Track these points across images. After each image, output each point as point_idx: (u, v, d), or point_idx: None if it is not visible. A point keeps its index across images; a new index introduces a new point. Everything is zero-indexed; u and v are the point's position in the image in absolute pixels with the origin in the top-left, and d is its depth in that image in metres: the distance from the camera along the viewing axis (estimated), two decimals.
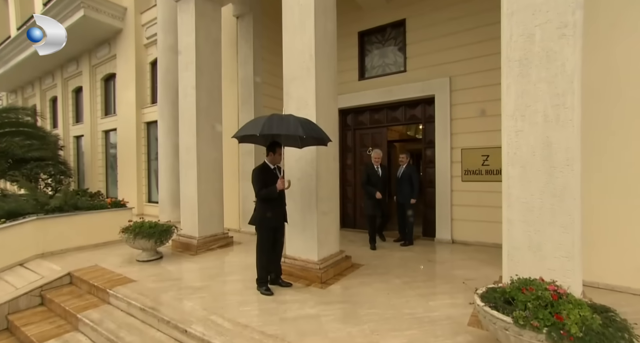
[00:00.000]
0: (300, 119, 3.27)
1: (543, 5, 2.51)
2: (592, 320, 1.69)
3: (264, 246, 3.50)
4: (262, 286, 3.48)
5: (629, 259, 3.27)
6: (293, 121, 3.14)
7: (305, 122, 3.25)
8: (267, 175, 3.48)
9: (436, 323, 2.71)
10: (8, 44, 11.97)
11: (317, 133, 3.32)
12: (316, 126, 3.43)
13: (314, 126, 3.39)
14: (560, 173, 2.43)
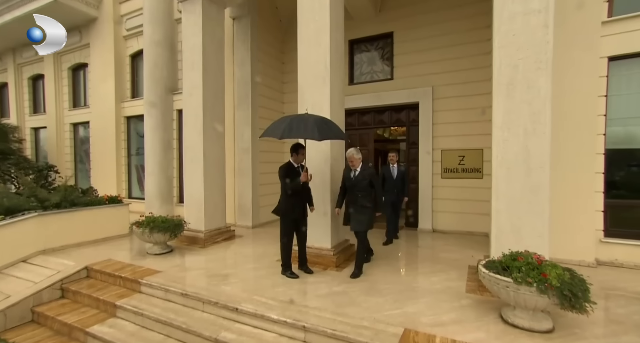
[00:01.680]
0: (318, 120, 3.68)
1: (524, 44, 3.27)
2: (564, 275, 2.44)
3: (285, 235, 3.95)
4: (287, 271, 3.94)
5: (580, 240, 4.23)
6: (311, 124, 3.55)
7: (322, 124, 3.67)
8: (291, 172, 3.92)
9: (441, 293, 3.40)
10: None
11: (333, 133, 3.79)
12: (333, 125, 3.90)
13: (331, 125, 3.85)
14: (536, 173, 3.22)
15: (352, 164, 4.07)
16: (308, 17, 4.46)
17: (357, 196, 3.98)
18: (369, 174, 3.98)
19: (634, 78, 4.20)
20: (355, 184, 4.01)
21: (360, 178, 3.98)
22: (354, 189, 4.02)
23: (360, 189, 3.98)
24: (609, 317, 2.95)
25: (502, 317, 2.80)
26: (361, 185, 3.98)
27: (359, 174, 4.00)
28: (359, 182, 3.99)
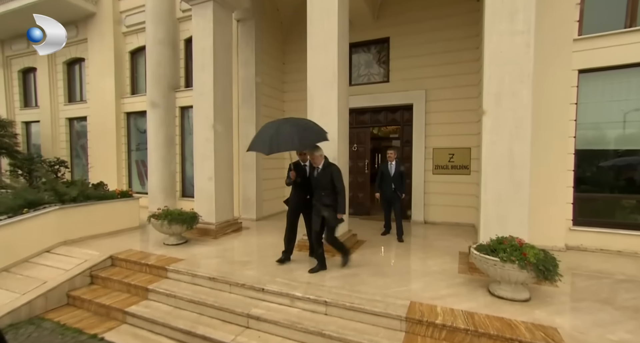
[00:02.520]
0: (295, 127, 3.81)
1: (510, 60, 3.81)
2: (539, 254, 3.01)
3: (286, 223, 4.39)
4: (282, 256, 4.38)
5: (552, 228, 4.88)
6: (289, 135, 3.69)
7: (301, 130, 3.81)
8: (296, 169, 4.27)
9: (438, 274, 3.96)
10: None
11: (315, 135, 3.93)
12: (312, 127, 4.05)
13: (309, 131, 3.94)
14: (518, 171, 3.78)
15: (313, 162, 4.07)
16: (317, 28, 4.88)
17: (320, 195, 4.00)
18: (332, 172, 3.95)
19: (599, 89, 4.84)
20: (318, 182, 4.01)
21: (321, 177, 3.97)
22: (317, 188, 4.02)
23: (323, 187, 3.96)
24: (573, 289, 3.58)
25: (490, 290, 3.38)
26: (324, 183, 3.96)
27: (320, 172, 4.01)
28: (321, 180, 3.97)
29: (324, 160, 4.05)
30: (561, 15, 4.82)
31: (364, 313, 3.07)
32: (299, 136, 3.75)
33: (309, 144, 3.91)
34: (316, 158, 4.02)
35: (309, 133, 3.93)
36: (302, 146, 3.87)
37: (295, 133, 3.74)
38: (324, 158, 4.06)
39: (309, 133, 3.92)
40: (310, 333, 3.00)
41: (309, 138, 3.89)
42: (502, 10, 3.81)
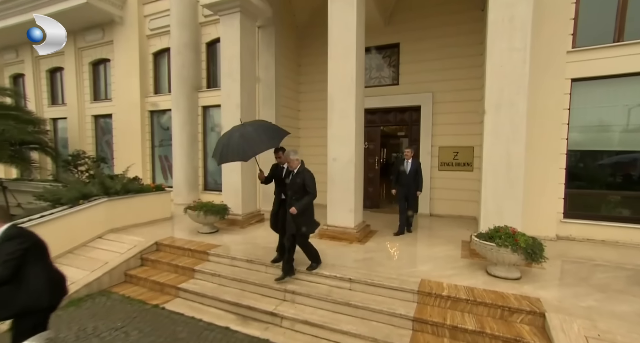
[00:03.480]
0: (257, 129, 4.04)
1: (509, 73, 4.37)
2: (529, 240, 3.64)
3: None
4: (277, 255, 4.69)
5: (545, 220, 5.49)
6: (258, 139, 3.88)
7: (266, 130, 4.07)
8: (275, 170, 4.60)
9: (443, 259, 4.60)
10: None
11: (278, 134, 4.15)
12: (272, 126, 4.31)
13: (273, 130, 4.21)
14: (514, 170, 4.39)
15: (290, 166, 4.13)
16: (337, 39, 5.44)
17: (291, 199, 4.03)
18: (304, 177, 3.99)
19: (589, 96, 5.39)
20: (291, 186, 4.07)
21: (295, 181, 4.02)
22: (290, 192, 4.07)
23: (295, 191, 4.00)
24: (558, 270, 4.19)
25: (487, 271, 4.01)
26: (296, 187, 4.00)
27: (294, 176, 4.06)
28: (294, 184, 4.02)
29: (299, 165, 4.12)
30: (556, 28, 5.36)
31: (383, 287, 3.73)
32: (267, 135, 3.99)
33: (277, 142, 4.11)
34: (292, 162, 4.08)
35: (274, 132, 4.16)
36: (272, 144, 4.06)
37: (263, 134, 3.98)
38: (300, 163, 4.12)
39: (274, 132, 4.15)
40: (338, 303, 3.67)
41: (277, 135, 4.11)
42: (502, 30, 4.38)
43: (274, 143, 4.13)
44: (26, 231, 2.37)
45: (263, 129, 4.15)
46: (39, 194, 5.84)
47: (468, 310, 3.35)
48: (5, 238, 2.21)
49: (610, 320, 2.89)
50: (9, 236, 2.22)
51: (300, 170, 4.06)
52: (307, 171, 4.08)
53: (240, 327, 3.68)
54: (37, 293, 2.25)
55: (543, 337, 2.88)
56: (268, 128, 4.24)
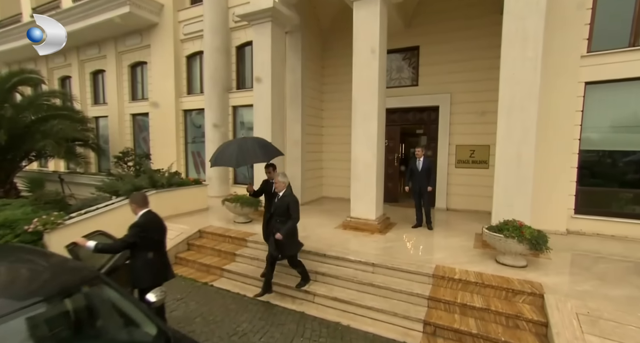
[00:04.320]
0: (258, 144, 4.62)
1: (521, 80, 4.75)
2: (534, 232, 4.08)
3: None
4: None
5: (557, 216, 5.85)
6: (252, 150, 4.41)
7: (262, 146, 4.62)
8: (265, 185, 4.95)
9: (458, 248, 5.09)
10: (23, 25, 12.24)
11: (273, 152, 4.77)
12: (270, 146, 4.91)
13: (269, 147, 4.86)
14: (524, 169, 4.79)
15: (276, 187, 4.23)
16: (362, 46, 5.92)
17: (276, 221, 4.12)
18: (288, 201, 4.05)
19: (603, 98, 5.66)
20: (275, 209, 4.15)
21: (280, 204, 4.10)
22: (275, 214, 4.17)
23: (279, 214, 4.09)
24: (562, 261, 4.58)
25: (496, 260, 4.48)
26: (280, 210, 4.09)
27: (280, 199, 4.14)
28: (278, 207, 4.10)
29: (285, 188, 4.20)
30: (571, 34, 5.63)
31: (402, 271, 4.28)
32: (262, 151, 4.51)
33: (268, 158, 4.65)
34: (279, 183, 4.18)
35: (269, 149, 4.75)
36: (265, 159, 4.58)
37: (259, 149, 4.50)
38: (286, 186, 4.21)
39: (269, 149, 4.75)
40: (363, 284, 4.26)
41: (271, 153, 4.70)
42: (515, 40, 4.75)
43: (266, 159, 4.63)
44: (152, 222, 3.16)
45: (260, 145, 4.69)
46: (99, 186, 6.69)
47: (477, 291, 3.85)
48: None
49: (601, 301, 3.34)
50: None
51: (285, 194, 4.16)
52: (292, 196, 4.17)
53: (279, 302, 4.34)
54: (139, 274, 2.97)
55: (541, 314, 3.36)
56: (264, 145, 4.81)
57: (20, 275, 2.26)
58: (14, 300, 1.86)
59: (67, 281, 2.14)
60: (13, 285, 2.13)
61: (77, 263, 2.69)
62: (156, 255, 3.19)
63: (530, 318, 3.34)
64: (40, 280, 2.18)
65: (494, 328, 3.40)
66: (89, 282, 2.21)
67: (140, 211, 3.20)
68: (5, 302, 1.83)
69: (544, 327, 3.24)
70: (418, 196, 6.33)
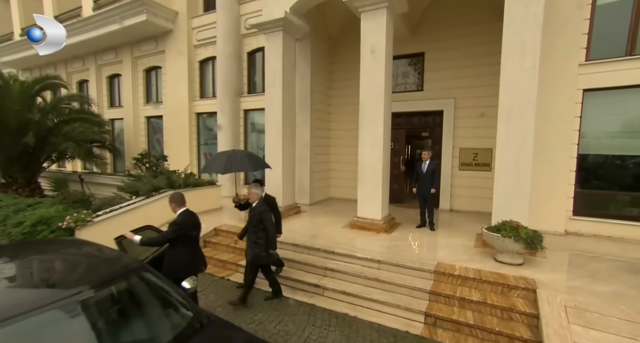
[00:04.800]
0: (247, 155, 5.57)
1: (519, 88, 5.04)
2: (529, 232, 4.37)
3: None
4: None
5: (556, 217, 6.11)
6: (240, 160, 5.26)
7: (250, 157, 5.56)
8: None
9: (459, 247, 5.39)
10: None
11: (261, 163, 5.76)
12: (258, 158, 5.85)
13: (256, 158, 5.79)
14: (522, 172, 5.08)
15: (250, 198, 4.35)
16: (368, 56, 6.25)
17: (249, 232, 4.25)
18: (260, 212, 4.14)
19: (601, 105, 5.90)
20: (249, 219, 4.25)
21: (252, 214, 4.21)
22: (249, 225, 4.27)
23: (252, 225, 4.18)
24: (558, 260, 4.85)
25: (495, 258, 4.77)
26: (253, 221, 4.18)
27: (252, 210, 4.27)
28: (251, 218, 4.19)
29: (259, 200, 4.29)
30: (569, 42, 5.89)
31: (405, 268, 4.60)
32: (249, 161, 5.33)
33: (254, 169, 5.49)
34: (251, 194, 4.26)
35: (257, 161, 5.55)
36: (251, 168, 5.42)
37: (247, 159, 5.29)
38: (259, 198, 4.31)
39: (256, 161, 5.55)
40: (369, 279, 4.59)
41: (257, 164, 5.52)
42: (514, 51, 5.04)
43: (253, 168, 5.47)
44: (189, 219, 3.50)
45: (248, 157, 5.53)
46: (120, 186, 7.13)
47: (475, 286, 4.16)
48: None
49: (588, 295, 3.63)
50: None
51: (258, 204, 4.25)
52: (264, 208, 4.25)
53: (291, 295, 4.69)
54: (175, 266, 3.36)
55: (533, 307, 3.66)
56: (253, 157, 5.71)
57: (80, 263, 2.64)
58: (78, 285, 2.23)
59: (117, 270, 2.51)
60: (75, 271, 2.51)
61: (124, 254, 3.07)
62: (191, 249, 3.57)
63: (523, 311, 3.64)
64: (96, 268, 2.56)
65: (490, 319, 3.71)
66: (135, 270, 2.58)
67: (179, 209, 3.57)
68: (72, 285, 2.21)
69: (535, 319, 3.54)
70: (422, 198, 6.61)
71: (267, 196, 4.82)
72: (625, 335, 3.01)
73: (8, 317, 1.78)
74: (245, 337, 2.50)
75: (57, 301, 2.00)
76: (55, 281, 2.40)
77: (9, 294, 2.16)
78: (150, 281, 2.59)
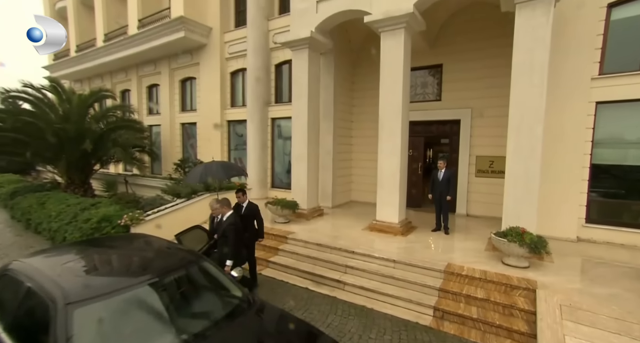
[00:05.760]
0: (221, 165, 6.00)
1: (528, 104, 5.39)
2: (534, 238, 4.76)
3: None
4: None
5: (569, 224, 6.39)
6: (215, 168, 5.78)
7: (225, 167, 6.04)
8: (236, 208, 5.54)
9: (470, 250, 5.82)
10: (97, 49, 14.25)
11: (236, 171, 6.45)
12: (234, 166, 6.64)
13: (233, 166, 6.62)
14: (530, 182, 5.43)
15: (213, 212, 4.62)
16: (387, 73, 6.78)
17: (220, 243, 4.47)
18: (227, 224, 4.36)
19: (613, 117, 6.13)
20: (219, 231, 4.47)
21: (218, 228, 4.47)
22: (219, 236, 4.49)
23: (220, 236, 4.43)
24: (564, 264, 5.18)
25: (502, 261, 5.18)
26: (220, 233, 4.42)
27: (218, 223, 4.59)
28: (217, 231, 4.46)
29: (227, 213, 4.51)
30: (582, 57, 6.18)
31: (418, 267, 5.12)
32: (223, 170, 5.91)
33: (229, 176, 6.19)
34: (214, 210, 4.51)
35: (230, 169, 6.15)
36: (226, 176, 6.04)
37: (221, 169, 5.86)
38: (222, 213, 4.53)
39: (229, 169, 6.15)
40: (385, 276, 5.14)
41: (230, 172, 6.12)
42: (523, 69, 5.42)
43: (225, 176, 6.14)
44: (238, 220, 4.28)
45: (223, 166, 6.04)
46: (164, 189, 8.06)
47: (480, 285, 4.62)
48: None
49: (584, 296, 4.01)
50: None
51: (227, 218, 4.47)
52: (231, 223, 4.38)
53: (315, 288, 5.33)
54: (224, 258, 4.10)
55: (532, 305, 4.09)
56: (228, 166, 6.29)
57: (152, 254, 3.40)
58: (154, 271, 2.96)
59: (182, 259, 3.24)
60: (150, 261, 3.26)
61: (184, 247, 3.82)
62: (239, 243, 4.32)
63: (522, 308, 4.08)
64: (166, 258, 3.30)
65: (492, 315, 4.18)
66: (196, 260, 3.30)
67: (228, 212, 4.29)
68: (149, 272, 2.93)
69: (533, 315, 3.97)
70: (438, 203, 7.05)
71: (250, 204, 5.43)
72: (611, 331, 3.41)
73: (107, 292, 2.49)
74: (282, 314, 3.16)
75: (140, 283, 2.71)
76: (138, 269, 3.14)
77: (105, 275, 2.93)
78: (207, 269, 3.30)
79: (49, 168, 11.25)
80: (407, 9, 6.27)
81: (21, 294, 2.46)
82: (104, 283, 2.66)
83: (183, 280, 3.15)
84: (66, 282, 2.46)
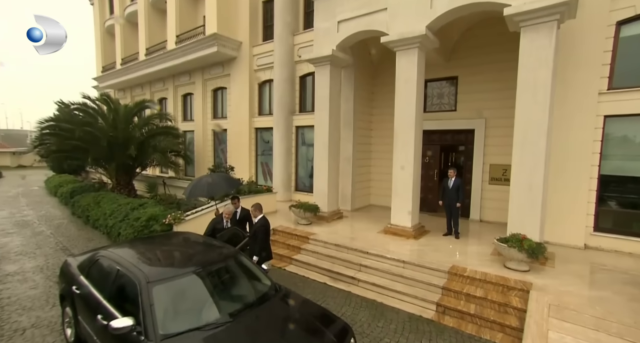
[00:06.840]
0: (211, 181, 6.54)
1: (532, 119, 5.81)
2: (532, 244, 5.20)
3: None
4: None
5: (577, 233, 6.70)
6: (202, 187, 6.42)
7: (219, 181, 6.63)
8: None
9: (475, 254, 6.30)
10: (140, 62, 15.72)
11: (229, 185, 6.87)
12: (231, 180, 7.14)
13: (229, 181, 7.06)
14: (534, 192, 5.84)
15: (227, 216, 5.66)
16: (402, 89, 7.36)
17: (251, 242, 5.19)
18: (258, 226, 5.26)
19: (621, 130, 6.39)
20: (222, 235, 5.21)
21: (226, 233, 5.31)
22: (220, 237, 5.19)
23: (251, 236, 5.27)
24: (565, 270, 5.56)
25: (504, 265, 5.64)
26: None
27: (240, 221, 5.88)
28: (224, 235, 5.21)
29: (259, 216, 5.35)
30: (590, 73, 6.49)
31: (425, 268, 5.68)
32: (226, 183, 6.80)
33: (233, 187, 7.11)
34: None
35: (231, 182, 6.96)
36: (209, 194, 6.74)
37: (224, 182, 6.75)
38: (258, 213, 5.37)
39: (231, 182, 6.97)
40: (395, 275, 5.75)
41: (233, 184, 7.04)
42: (527, 87, 5.84)
43: (230, 189, 7.01)
44: (268, 221, 5.10)
45: (224, 179, 6.88)
46: None
47: (480, 286, 5.13)
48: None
49: (574, 297, 4.45)
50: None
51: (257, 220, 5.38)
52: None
53: (333, 283, 6.03)
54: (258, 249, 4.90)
55: (525, 304, 4.57)
56: (227, 179, 7.08)
57: (200, 249, 4.24)
58: (203, 262, 3.76)
59: (223, 254, 4.04)
60: (196, 255, 4.08)
61: (223, 244, 4.65)
62: (268, 242, 5.06)
63: (515, 306, 4.57)
64: (208, 252, 4.12)
65: (488, 311, 4.70)
66: (233, 255, 4.09)
67: (259, 215, 5.07)
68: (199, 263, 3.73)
69: (524, 313, 4.45)
70: (448, 210, 7.54)
71: (243, 209, 6.19)
72: (590, 327, 3.86)
73: (172, 276, 3.31)
74: (304, 300, 3.88)
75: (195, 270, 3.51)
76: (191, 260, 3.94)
77: (168, 264, 3.78)
78: (242, 262, 4.08)
79: (100, 170, 12.66)
80: (420, 31, 6.83)
81: (113, 275, 3.35)
82: (169, 269, 3.51)
83: (224, 270, 3.95)
84: (144, 267, 3.32)
